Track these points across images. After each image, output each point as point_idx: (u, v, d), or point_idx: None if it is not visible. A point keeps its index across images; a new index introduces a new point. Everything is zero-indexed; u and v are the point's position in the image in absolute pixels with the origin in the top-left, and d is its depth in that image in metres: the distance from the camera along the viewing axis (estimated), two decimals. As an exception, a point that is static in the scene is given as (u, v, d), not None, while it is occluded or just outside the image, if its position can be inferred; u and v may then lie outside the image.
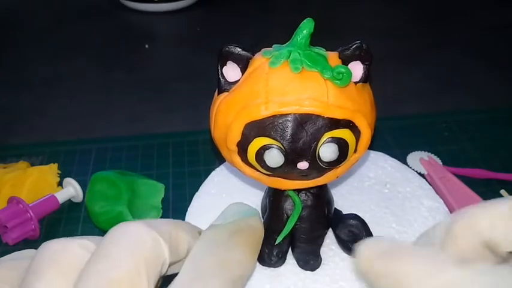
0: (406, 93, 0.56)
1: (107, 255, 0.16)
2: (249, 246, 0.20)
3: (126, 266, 0.16)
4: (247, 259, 0.19)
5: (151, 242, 0.17)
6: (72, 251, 0.17)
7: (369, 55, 0.23)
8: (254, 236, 0.20)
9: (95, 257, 0.16)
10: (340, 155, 0.23)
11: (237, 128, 0.23)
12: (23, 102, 0.57)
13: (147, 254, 0.17)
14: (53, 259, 0.16)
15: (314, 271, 0.29)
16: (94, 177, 0.39)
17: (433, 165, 0.43)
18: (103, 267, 0.16)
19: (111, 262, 0.16)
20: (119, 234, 0.17)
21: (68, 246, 0.17)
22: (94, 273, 0.16)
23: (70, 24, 0.76)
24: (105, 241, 0.17)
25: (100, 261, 0.16)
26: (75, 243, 0.17)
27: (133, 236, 0.17)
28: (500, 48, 0.66)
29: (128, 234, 0.17)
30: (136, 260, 0.16)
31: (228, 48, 0.23)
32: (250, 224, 0.21)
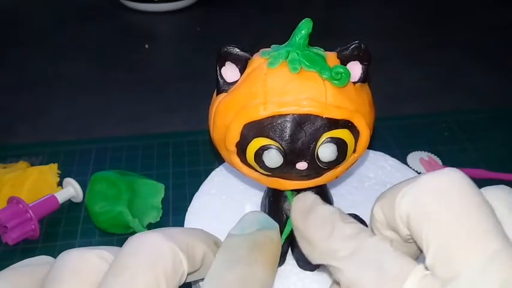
0: (406, 93, 0.56)
1: (126, 267, 0.16)
2: (269, 262, 0.19)
3: (145, 279, 0.16)
4: (267, 276, 0.19)
5: (170, 254, 0.17)
6: (91, 261, 0.17)
7: (368, 55, 0.23)
8: (274, 251, 0.20)
9: (113, 268, 0.16)
10: (339, 155, 0.23)
11: (235, 128, 0.23)
12: (23, 102, 0.57)
13: (166, 266, 0.16)
14: (73, 269, 0.16)
15: (314, 271, 0.29)
16: (94, 177, 0.39)
17: (433, 165, 0.43)
18: (122, 280, 0.16)
19: (130, 274, 0.16)
20: (137, 245, 0.17)
21: (86, 256, 0.17)
22: (112, 286, 0.16)
23: (70, 24, 0.76)
24: (123, 252, 0.17)
25: (119, 274, 0.16)
26: (94, 254, 0.17)
27: (152, 248, 0.17)
28: (500, 48, 0.66)
29: (146, 245, 0.17)
30: (155, 272, 0.16)
31: (227, 49, 0.23)
32: (270, 238, 0.20)
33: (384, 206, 0.18)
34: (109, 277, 0.16)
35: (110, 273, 0.16)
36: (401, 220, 0.17)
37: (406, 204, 0.17)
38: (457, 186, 0.16)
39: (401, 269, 0.16)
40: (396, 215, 0.17)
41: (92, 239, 0.38)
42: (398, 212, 0.17)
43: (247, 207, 0.34)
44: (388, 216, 0.18)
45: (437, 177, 0.17)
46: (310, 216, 0.20)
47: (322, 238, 0.18)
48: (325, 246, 0.18)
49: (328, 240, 0.18)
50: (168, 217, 0.40)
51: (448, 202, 0.16)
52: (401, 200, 0.17)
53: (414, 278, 0.16)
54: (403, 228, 0.17)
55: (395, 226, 0.18)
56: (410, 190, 0.17)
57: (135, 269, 0.16)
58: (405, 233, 0.17)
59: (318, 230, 0.19)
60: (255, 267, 0.19)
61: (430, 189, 0.16)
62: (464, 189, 0.16)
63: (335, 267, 0.18)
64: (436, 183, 0.16)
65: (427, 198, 0.16)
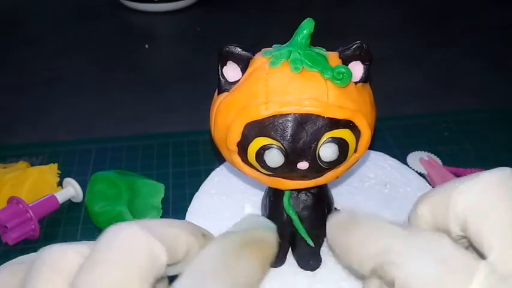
0: (406, 93, 0.56)
1: (98, 262, 0.16)
2: (259, 259, 0.19)
3: (117, 275, 0.15)
4: (254, 269, 0.18)
5: (145, 246, 0.16)
6: (68, 257, 0.16)
7: (369, 55, 0.23)
8: (266, 250, 0.19)
9: (86, 263, 0.16)
10: (340, 155, 0.23)
11: (237, 128, 0.23)
12: (23, 102, 0.57)
13: (141, 260, 0.16)
14: (48, 265, 0.16)
15: (314, 271, 0.29)
16: (94, 177, 0.39)
17: (433, 165, 0.43)
18: (93, 277, 0.15)
19: (102, 270, 0.15)
20: (111, 238, 0.16)
21: (65, 253, 0.17)
22: (83, 283, 0.15)
23: (70, 24, 0.76)
24: (97, 246, 0.16)
25: (90, 270, 0.16)
26: (73, 249, 0.17)
27: (126, 240, 0.16)
28: (500, 48, 0.66)
29: (120, 238, 0.16)
30: (128, 267, 0.15)
31: (229, 48, 0.23)
32: (263, 238, 0.20)
33: (435, 206, 0.18)
34: (81, 273, 0.16)
35: (82, 268, 0.16)
36: (457, 219, 0.17)
37: (464, 202, 0.16)
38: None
39: (466, 263, 0.15)
40: (451, 214, 0.17)
41: (92, 239, 0.38)
42: (454, 211, 0.17)
43: (248, 207, 0.34)
44: (438, 216, 0.17)
45: (495, 175, 0.16)
46: (351, 225, 0.18)
47: (369, 240, 0.17)
48: (379, 246, 0.17)
49: (380, 239, 0.17)
50: (168, 217, 0.39)
51: (508, 198, 0.16)
52: (457, 197, 0.17)
53: (482, 273, 0.15)
54: (456, 228, 0.17)
55: (446, 226, 0.17)
56: (468, 188, 0.16)
57: (106, 263, 0.15)
58: (457, 233, 0.17)
59: (365, 234, 0.18)
60: (241, 260, 0.18)
61: (489, 187, 0.16)
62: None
63: (391, 263, 0.16)
64: (494, 181, 0.16)
65: (488, 195, 0.16)
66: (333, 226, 0.19)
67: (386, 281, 0.17)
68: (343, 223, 0.19)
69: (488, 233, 0.15)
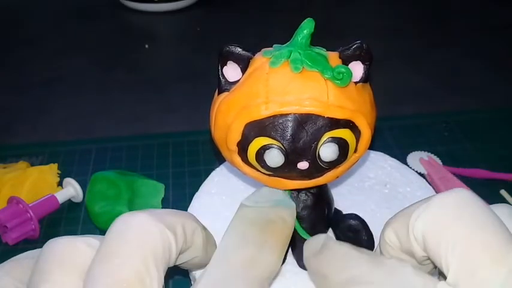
0: (406, 93, 0.56)
1: (113, 252, 0.16)
2: (279, 244, 0.19)
3: (134, 264, 0.15)
4: (275, 260, 0.19)
5: (158, 234, 0.16)
6: (78, 249, 0.16)
7: (369, 55, 0.23)
8: (285, 232, 0.20)
9: (100, 255, 0.16)
10: (340, 155, 0.23)
11: (237, 128, 0.23)
12: (23, 102, 0.57)
13: (155, 248, 0.16)
14: (59, 258, 0.16)
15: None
16: (94, 177, 0.39)
17: (433, 165, 0.43)
18: (109, 267, 0.15)
19: (118, 261, 0.15)
20: (122, 227, 0.16)
21: (73, 244, 0.16)
22: (101, 274, 0.15)
23: (70, 24, 0.76)
24: (109, 236, 0.16)
25: (106, 260, 0.15)
26: (81, 241, 0.17)
27: (139, 229, 0.16)
28: (500, 48, 0.66)
29: (132, 227, 0.16)
30: (144, 256, 0.15)
31: (229, 48, 0.23)
32: (283, 218, 0.20)
33: (398, 230, 0.18)
34: (96, 265, 0.15)
35: (97, 260, 0.16)
36: (417, 241, 0.17)
37: (421, 225, 0.17)
38: (469, 203, 0.16)
39: (425, 285, 0.16)
40: (411, 237, 0.17)
41: (92, 239, 0.38)
42: (413, 234, 0.17)
43: (248, 207, 0.34)
44: (402, 239, 0.18)
45: (449, 196, 0.17)
46: (323, 253, 0.19)
47: (340, 268, 0.18)
48: (344, 275, 0.18)
49: (346, 269, 0.18)
50: (168, 217, 0.40)
51: (463, 219, 0.16)
52: (415, 221, 0.17)
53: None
54: (418, 250, 0.17)
55: (410, 248, 0.18)
56: (423, 211, 0.17)
57: (123, 254, 0.15)
58: (420, 254, 0.18)
59: (334, 262, 0.19)
60: (263, 251, 0.18)
61: (443, 208, 0.17)
62: (475, 205, 0.16)
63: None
64: (448, 203, 0.17)
65: (442, 217, 0.16)
66: (308, 253, 0.20)
67: None
68: (316, 251, 0.20)
69: (444, 254, 0.16)
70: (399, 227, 0.18)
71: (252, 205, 0.20)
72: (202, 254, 0.19)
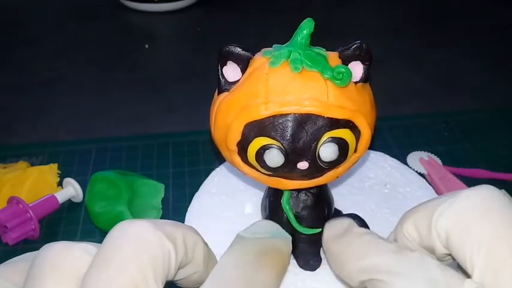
0: (406, 93, 0.56)
1: (110, 259, 0.15)
2: (275, 270, 0.19)
3: (131, 273, 0.15)
4: (273, 283, 0.18)
5: (157, 243, 0.16)
6: (74, 255, 0.16)
7: (369, 55, 0.23)
8: (282, 261, 0.20)
9: (96, 261, 0.15)
10: (340, 155, 0.23)
11: (237, 128, 0.23)
12: (23, 102, 0.57)
13: (153, 257, 0.15)
14: (55, 264, 0.16)
15: (314, 271, 0.29)
16: (94, 177, 0.39)
17: (433, 165, 0.43)
18: (106, 275, 0.15)
19: (115, 268, 0.15)
20: (121, 234, 0.16)
21: (69, 250, 0.16)
22: (97, 281, 0.15)
23: (70, 24, 0.76)
24: (107, 243, 0.16)
25: (102, 267, 0.15)
26: (78, 247, 0.16)
27: (137, 237, 0.16)
28: (500, 48, 0.66)
29: (131, 234, 0.16)
30: (141, 264, 0.15)
31: (228, 48, 0.23)
32: (278, 247, 0.20)
33: (419, 224, 0.18)
34: (92, 271, 0.15)
35: (93, 267, 0.15)
36: (439, 238, 0.17)
37: (445, 222, 0.17)
38: (495, 201, 0.16)
39: (450, 282, 0.16)
40: (433, 233, 0.17)
41: (92, 239, 0.38)
42: (436, 230, 0.17)
43: (248, 207, 0.34)
44: (423, 235, 0.18)
45: (475, 193, 0.17)
46: (345, 237, 0.19)
47: (361, 255, 0.18)
48: (366, 263, 0.18)
49: (368, 256, 0.18)
50: (168, 217, 0.40)
51: (490, 217, 0.16)
52: (438, 218, 0.17)
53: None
54: (440, 247, 0.17)
55: (431, 244, 0.17)
56: (448, 207, 0.17)
57: (119, 261, 0.15)
58: (442, 252, 0.17)
59: (355, 249, 0.19)
60: (259, 272, 0.18)
61: (468, 205, 0.16)
62: (502, 203, 0.16)
63: (380, 281, 0.17)
64: (474, 200, 0.16)
65: (467, 214, 0.16)
66: (328, 235, 0.20)
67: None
68: (339, 234, 0.19)
69: (469, 253, 0.16)
70: (420, 222, 0.18)
71: (248, 236, 0.20)
72: (203, 270, 0.19)
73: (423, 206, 0.18)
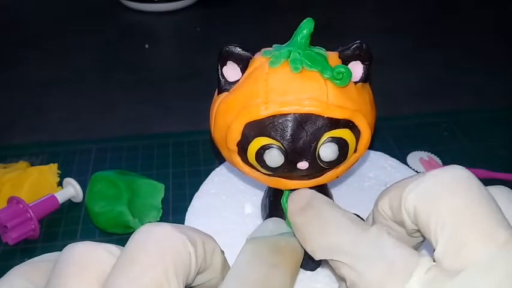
0: (406, 93, 0.56)
1: (134, 261, 0.15)
2: (290, 267, 0.19)
3: (155, 274, 0.15)
4: (287, 280, 0.19)
5: (180, 246, 0.16)
6: (98, 255, 0.16)
7: (369, 55, 0.23)
8: (294, 257, 0.20)
9: (121, 262, 0.16)
10: (340, 155, 0.23)
11: (237, 127, 0.23)
12: (23, 102, 0.57)
13: (176, 258, 0.16)
14: (79, 263, 0.16)
15: (314, 271, 0.29)
16: (94, 177, 0.39)
17: (433, 165, 0.43)
18: (130, 276, 0.15)
19: (139, 269, 0.15)
20: (145, 237, 0.16)
21: (94, 250, 0.16)
22: (121, 281, 0.15)
23: (70, 24, 0.76)
24: (131, 245, 0.16)
25: (127, 268, 0.15)
26: (102, 247, 0.16)
27: (162, 240, 0.16)
28: (500, 48, 0.66)
29: (155, 237, 0.16)
30: (165, 265, 0.15)
31: (228, 48, 0.23)
32: (291, 244, 0.20)
33: (392, 200, 0.18)
34: (116, 272, 0.15)
35: (117, 267, 0.15)
36: (408, 214, 0.17)
37: (414, 197, 0.17)
38: (463, 180, 0.16)
39: (406, 260, 0.16)
40: (402, 209, 0.17)
41: (92, 239, 0.38)
42: (405, 205, 0.17)
43: (248, 207, 0.34)
44: (394, 210, 0.18)
45: (445, 172, 0.17)
46: (308, 212, 0.19)
47: (322, 233, 0.18)
48: (326, 241, 0.18)
49: (328, 235, 0.18)
50: (168, 217, 0.40)
51: (457, 194, 0.16)
52: (408, 194, 0.17)
53: (421, 270, 0.16)
54: (409, 222, 0.17)
55: (401, 220, 0.18)
56: (418, 184, 0.17)
57: (144, 262, 0.15)
58: (411, 227, 0.18)
59: (317, 225, 0.19)
60: (275, 270, 0.18)
61: (438, 183, 0.17)
62: (470, 183, 0.16)
63: (338, 262, 0.17)
64: (444, 178, 0.17)
65: (434, 192, 0.16)
66: (292, 207, 0.20)
67: (338, 274, 0.18)
68: (301, 207, 0.20)
69: (434, 229, 0.16)
70: (393, 198, 0.18)
71: (259, 235, 0.20)
72: (220, 277, 0.19)
73: (396, 184, 0.19)
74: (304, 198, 0.20)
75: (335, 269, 0.18)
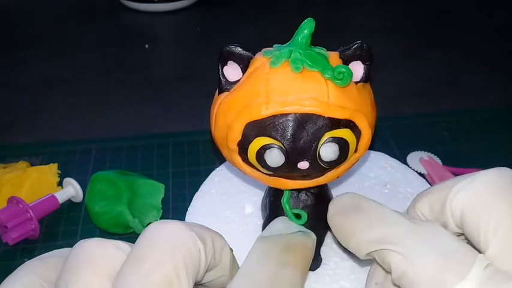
0: (406, 93, 0.56)
1: (145, 256, 0.16)
2: (300, 265, 0.19)
3: (165, 269, 0.15)
4: (297, 278, 0.19)
5: (191, 243, 0.16)
6: (108, 251, 0.16)
7: (370, 55, 0.23)
8: (306, 255, 0.20)
9: (131, 258, 0.16)
10: (340, 155, 0.23)
11: (237, 127, 0.23)
12: (23, 102, 0.57)
13: (186, 255, 0.16)
14: (89, 259, 0.16)
15: (314, 271, 0.29)
16: (94, 177, 0.39)
17: (433, 165, 0.43)
18: (141, 271, 0.15)
19: (149, 265, 0.15)
20: (155, 233, 0.16)
21: (104, 247, 0.16)
22: (132, 277, 0.15)
23: (70, 24, 0.76)
24: (142, 241, 0.16)
25: (137, 264, 0.15)
26: (112, 244, 0.17)
27: (172, 236, 0.16)
28: (500, 48, 0.66)
29: (165, 234, 0.16)
30: (174, 261, 0.15)
31: (229, 48, 0.23)
32: (303, 242, 0.20)
33: (433, 202, 0.18)
34: (127, 267, 0.15)
35: (128, 263, 0.16)
36: (453, 216, 0.17)
37: (462, 199, 0.17)
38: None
39: (465, 255, 0.16)
40: (447, 210, 0.17)
41: (92, 239, 0.38)
42: (450, 208, 0.17)
43: (248, 207, 0.34)
44: (436, 212, 0.18)
45: (493, 173, 0.17)
46: (355, 210, 0.19)
47: (371, 226, 0.18)
48: (375, 233, 0.17)
49: (379, 227, 0.18)
50: (168, 217, 0.39)
51: (507, 197, 0.16)
52: (455, 194, 0.17)
53: (479, 266, 0.15)
54: (452, 224, 0.17)
55: (444, 222, 0.17)
56: (466, 185, 0.17)
57: (154, 258, 0.15)
58: (453, 230, 0.17)
59: (364, 221, 0.18)
60: (285, 268, 0.18)
61: (486, 184, 0.17)
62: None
63: (389, 252, 0.17)
64: (492, 179, 0.17)
65: (484, 193, 0.16)
66: (334, 209, 0.20)
67: (383, 266, 0.18)
68: (346, 207, 0.19)
69: (485, 230, 0.16)
70: (435, 200, 0.18)
71: (268, 235, 0.20)
72: (229, 274, 0.19)
73: (439, 186, 0.18)
74: (348, 200, 0.20)
75: (381, 261, 0.17)
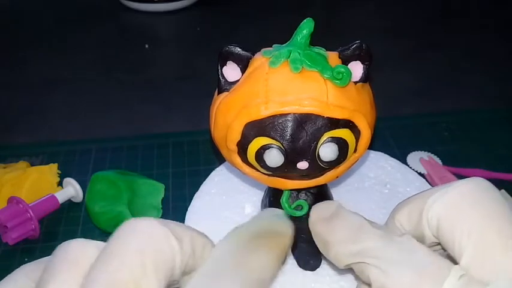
0: (406, 93, 0.56)
1: (113, 253, 0.15)
2: (272, 249, 0.18)
3: (132, 267, 0.15)
4: (269, 263, 0.18)
5: (162, 239, 0.16)
6: (86, 251, 0.16)
7: (369, 55, 0.23)
8: (278, 240, 0.19)
9: (101, 255, 0.16)
10: (340, 155, 0.23)
11: (237, 127, 0.23)
12: (23, 102, 0.57)
13: (157, 252, 0.15)
14: (68, 259, 0.16)
15: (314, 271, 0.29)
16: (94, 177, 0.39)
17: (433, 165, 0.43)
18: (108, 269, 0.15)
19: (117, 262, 0.15)
20: (128, 230, 0.16)
21: (83, 246, 0.16)
22: (99, 274, 0.15)
23: (70, 24, 0.76)
24: (114, 238, 0.16)
25: (107, 261, 0.15)
26: (92, 244, 0.17)
27: (143, 233, 0.16)
28: (500, 48, 0.66)
29: (136, 229, 0.16)
30: (143, 259, 0.15)
31: (228, 48, 0.23)
32: (274, 228, 0.20)
33: (411, 213, 0.18)
34: (96, 265, 0.15)
35: (98, 260, 0.15)
36: (429, 226, 0.17)
37: (437, 209, 0.17)
38: (486, 191, 0.17)
39: (439, 267, 0.16)
40: (424, 220, 0.18)
41: (92, 238, 0.38)
42: (427, 217, 0.17)
43: (248, 207, 0.34)
44: (413, 223, 0.18)
45: (467, 184, 0.17)
46: (335, 220, 0.19)
47: (351, 239, 0.18)
48: (355, 247, 0.18)
49: (358, 240, 0.18)
50: (168, 217, 0.39)
51: (480, 206, 0.16)
52: (431, 205, 0.17)
53: (453, 277, 0.16)
54: (429, 235, 0.18)
55: (421, 232, 0.18)
56: (441, 196, 0.17)
57: (122, 255, 0.15)
58: (431, 240, 0.18)
59: (344, 233, 0.19)
60: (254, 254, 0.17)
61: (461, 194, 0.17)
62: (492, 194, 0.17)
63: (368, 265, 0.17)
64: (467, 189, 0.17)
65: (459, 202, 0.17)
66: (316, 217, 0.20)
67: (362, 278, 0.18)
68: (326, 216, 0.20)
69: (459, 239, 0.16)
70: (413, 210, 0.18)
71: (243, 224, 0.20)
72: None
73: (417, 196, 0.19)
74: (330, 208, 0.20)
75: (360, 273, 0.18)
